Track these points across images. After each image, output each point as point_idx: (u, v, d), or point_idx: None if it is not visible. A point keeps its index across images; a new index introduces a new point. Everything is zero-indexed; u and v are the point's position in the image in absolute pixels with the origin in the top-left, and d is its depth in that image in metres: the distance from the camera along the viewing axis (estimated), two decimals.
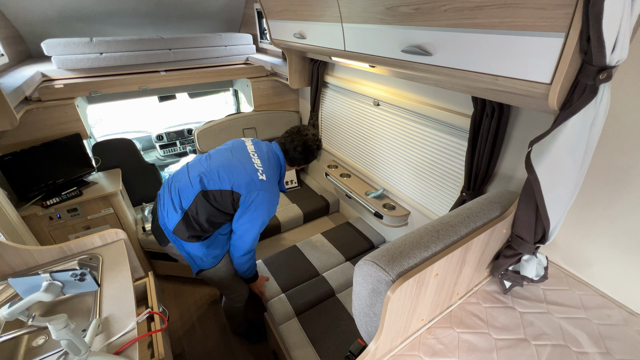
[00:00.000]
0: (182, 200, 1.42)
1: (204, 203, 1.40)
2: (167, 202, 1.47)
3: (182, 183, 1.45)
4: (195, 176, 1.42)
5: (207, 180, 1.41)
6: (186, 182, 1.44)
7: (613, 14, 0.62)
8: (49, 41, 1.97)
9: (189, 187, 1.42)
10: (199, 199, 1.40)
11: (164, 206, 1.48)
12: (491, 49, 0.84)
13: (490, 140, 1.25)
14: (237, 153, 1.49)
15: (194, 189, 1.40)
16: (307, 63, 2.33)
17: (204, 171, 1.44)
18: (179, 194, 1.44)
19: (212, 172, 1.42)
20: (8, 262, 1.28)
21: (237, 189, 1.38)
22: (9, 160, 1.78)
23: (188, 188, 1.42)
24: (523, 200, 1.01)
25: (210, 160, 1.49)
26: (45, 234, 1.96)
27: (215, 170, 1.42)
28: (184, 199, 1.42)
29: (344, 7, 1.27)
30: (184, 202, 1.42)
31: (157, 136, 3.42)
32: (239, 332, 2.04)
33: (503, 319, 1.09)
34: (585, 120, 0.78)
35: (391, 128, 1.88)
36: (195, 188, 1.40)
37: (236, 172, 1.40)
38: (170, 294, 2.37)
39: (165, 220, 1.47)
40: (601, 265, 1.15)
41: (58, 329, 0.89)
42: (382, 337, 0.88)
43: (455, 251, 0.92)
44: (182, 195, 1.43)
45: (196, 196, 1.40)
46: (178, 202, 1.43)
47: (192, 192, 1.41)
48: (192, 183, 1.41)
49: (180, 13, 2.66)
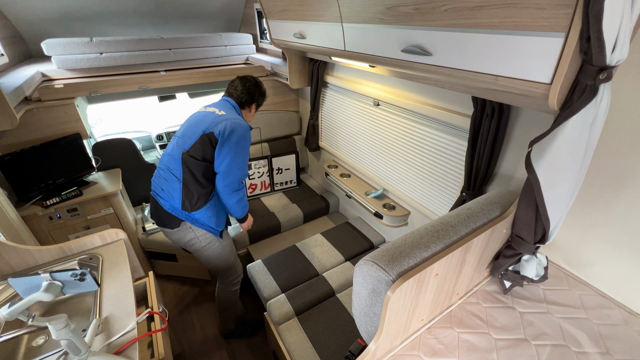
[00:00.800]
0: (175, 173, 1.48)
1: (191, 162, 1.45)
2: (164, 184, 1.53)
3: (166, 159, 1.54)
4: (175, 148, 1.51)
5: (182, 143, 1.49)
6: (168, 157, 1.53)
7: (613, 14, 0.62)
8: (49, 41, 1.97)
9: (172, 159, 1.50)
10: (185, 162, 1.45)
11: (164, 190, 1.53)
12: (491, 49, 0.84)
13: (490, 140, 1.25)
14: (194, 115, 1.59)
15: (176, 157, 1.48)
16: (307, 63, 2.33)
17: (180, 139, 1.52)
18: (170, 169, 1.50)
19: (184, 135, 1.51)
20: (8, 262, 1.28)
21: (207, 130, 1.44)
22: (9, 160, 1.78)
23: (172, 160, 1.50)
24: (523, 200, 1.01)
25: (178, 132, 1.57)
26: (45, 234, 1.96)
27: (185, 132, 1.52)
28: (175, 170, 1.48)
29: (344, 7, 1.27)
30: (176, 172, 1.48)
31: (157, 136, 3.42)
32: (232, 330, 2.01)
33: (503, 319, 1.09)
34: (585, 120, 0.78)
35: (391, 128, 1.88)
36: (177, 155, 1.48)
37: (200, 123, 1.49)
38: (170, 294, 2.37)
39: (172, 202, 1.51)
40: (601, 265, 1.15)
41: (58, 329, 0.89)
42: (382, 337, 0.88)
43: (455, 251, 0.92)
44: (172, 169, 1.49)
45: (182, 161, 1.46)
46: (172, 177, 1.49)
47: (177, 161, 1.47)
48: (173, 155, 1.50)
49: (180, 13, 2.66)
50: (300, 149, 2.91)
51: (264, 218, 2.40)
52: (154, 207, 1.60)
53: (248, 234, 2.26)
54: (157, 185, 1.58)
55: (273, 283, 1.86)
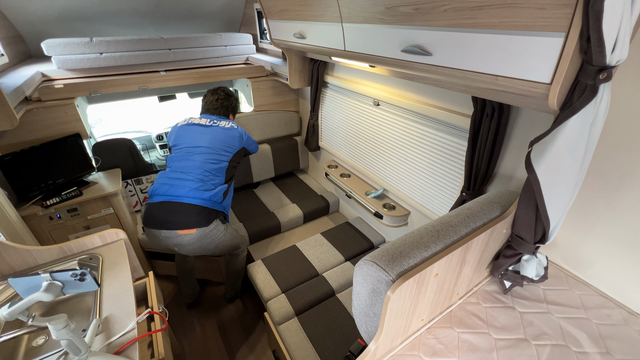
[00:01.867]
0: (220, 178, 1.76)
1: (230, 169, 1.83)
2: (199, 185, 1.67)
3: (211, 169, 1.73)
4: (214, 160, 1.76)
5: (224, 156, 1.80)
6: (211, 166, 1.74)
7: (613, 13, 0.62)
8: (49, 41, 1.97)
9: (216, 168, 1.75)
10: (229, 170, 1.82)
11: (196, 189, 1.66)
12: (491, 49, 0.84)
13: (490, 140, 1.25)
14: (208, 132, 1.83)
15: (222, 166, 1.77)
16: (307, 63, 2.33)
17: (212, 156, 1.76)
18: (215, 175, 1.74)
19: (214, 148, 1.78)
20: (8, 262, 1.28)
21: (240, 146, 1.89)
22: (9, 160, 1.78)
23: (216, 169, 1.75)
24: (523, 200, 1.01)
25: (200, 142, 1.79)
26: (45, 234, 1.96)
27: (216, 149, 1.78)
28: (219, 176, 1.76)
29: (344, 7, 1.27)
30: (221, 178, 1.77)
31: (157, 136, 3.42)
32: (236, 292, 2.25)
33: (503, 319, 1.09)
34: (585, 120, 0.78)
35: (391, 128, 1.88)
36: (222, 165, 1.78)
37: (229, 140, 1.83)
38: (170, 294, 2.37)
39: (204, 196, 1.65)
40: (601, 265, 1.15)
41: (58, 329, 0.89)
42: (382, 337, 0.88)
43: (455, 251, 0.92)
44: (217, 173, 1.75)
45: (227, 169, 1.80)
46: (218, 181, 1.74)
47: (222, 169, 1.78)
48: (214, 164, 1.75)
49: (180, 13, 2.66)
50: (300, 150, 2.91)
51: (264, 218, 2.40)
52: (178, 213, 1.63)
53: (248, 234, 2.26)
54: (189, 189, 1.66)
55: (273, 283, 1.86)
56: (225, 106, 1.98)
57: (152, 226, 1.64)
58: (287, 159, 2.89)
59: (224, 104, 1.97)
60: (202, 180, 1.69)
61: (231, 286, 2.20)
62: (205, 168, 1.72)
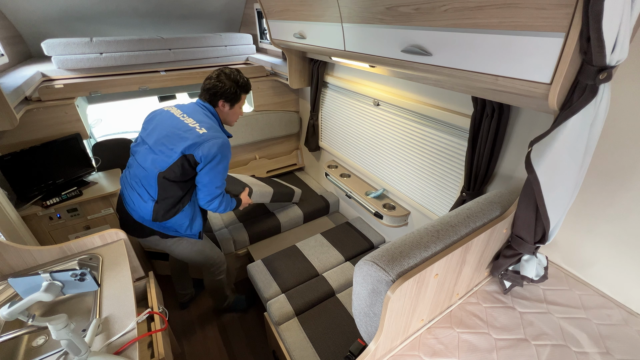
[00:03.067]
0: (149, 190, 1.42)
1: (168, 183, 1.40)
2: (134, 197, 1.47)
3: (139, 174, 1.45)
4: (147, 162, 1.42)
5: (157, 160, 1.39)
6: (142, 172, 1.43)
7: (613, 14, 0.62)
8: (49, 41, 1.97)
9: (146, 175, 1.41)
10: (161, 181, 1.39)
11: (134, 203, 1.48)
12: (491, 49, 0.84)
13: (490, 140, 1.25)
14: (167, 122, 1.46)
15: (151, 174, 1.40)
16: (307, 63, 2.33)
17: (152, 154, 1.42)
18: (143, 185, 1.43)
19: (158, 150, 1.41)
20: (8, 262, 1.28)
21: (187, 151, 1.36)
22: (9, 160, 1.78)
23: (147, 177, 1.42)
24: (523, 200, 1.00)
25: (149, 139, 1.47)
26: (45, 234, 1.96)
27: (159, 146, 1.41)
28: (150, 187, 1.42)
29: (344, 7, 1.27)
30: (151, 191, 1.42)
31: None
32: (225, 307, 2.13)
33: (503, 319, 1.09)
34: (585, 120, 0.78)
35: (391, 128, 1.88)
36: (152, 173, 1.39)
37: (177, 139, 1.38)
38: (170, 294, 2.37)
39: (141, 214, 1.47)
40: (601, 265, 1.15)
41: (58, 329, 0.89)
42: (382, 337, 0.88)
43: (455, 251, 0.92)
44: (146, 185, 1.43)
45: (157, 180, 1.39)
46: (146, 193, 1.43)
47: (153, 179, 1.40)
48: (147, 170, 1.41)
49: (180, 13, 2.66)
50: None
51: (264, 218, 2.40)
52: (123, 214, 1.56)
53: (248, 234, 2.26)
54: (127, 194, 1.51)
55: (273, 283, 1.86)
56: (212, 90, 1.47)
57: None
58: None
59: (210, 87, 1.47)
60: (132, 187, 1.48)
61: (214, 300, 2.13)
62: (137, 173, 1.45)
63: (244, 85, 1.52)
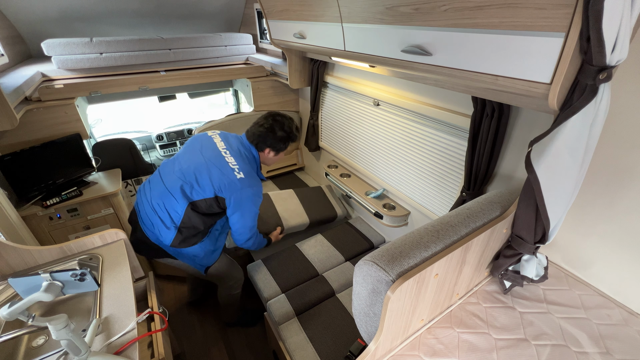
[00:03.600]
0: (173, 217, 1.42)
1: (194, 214, 1.43)
2: (155, 220, 1.44)
3: (164, 198, 1.42)
4: (176, 188, 1.40)
5: (189, 191, 1.40)
6: (168, 197, 1.41)
7: (613, 13, 0.62)
8: (49, 41, 1.97)
9: (174, 202, 1.41)
10: (188, 212, 1.41)
11: (154, 225, 1.46)
12: (491, 49, 0.84)
13: (490, 140, 1.25)
14: (207, 153, 1.44)
15: (180, 204, 1.40)
16: (307, 63, 2.33)
17: (182, 181, 1.40)
18: (167, 210, 1.42)
19: (191, 179, 1.39)
20: (8, 262, 1.28)
21: (220, 193, 1.39)
22: (9, 160, 1.78)
23: (174, 203, 1.41)
24: (523, 200, 1.00)
25: (183, 164, 1.44)
26: (45, 234, 1.96)
27: (192, 176, 1.40)
28: (174, 214, 1.42)
29: (343, 7, 1.27)
30: (174, 217, 1.42)
31: (157, 136, 3.42)
32: (233, 321, 2.09)
33: (503, 319, 1.09)
34: (585, 120, 0.78)
35: (391, 128, 1.88)
36: (182, 202, 1.40)
37: (214, 176, 1.38)
38: (170, 294, 2.37)
39: (159, 238, 1.46)
40: (601, 265, 1.15)
41: (58, 329, 0.89)
42: (382, 337, 0.88)
43: (455, 251, 0.92)
44: (170, 211, 1.42)
45: (185, 210, 1.41)
46: (169, 219, 1.42)
47: (180, 207, 1.41)
48: (175, 197, 1.40)
49: (180, 13, 2.66)
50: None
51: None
52: (138, 233, 1.51)
53: None
54: (146, 215, 1.47)
55: (273, 283, 1.86)
56: (263, 139, 1.48)
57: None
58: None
59: (263, 136, 1.48)
60: (153, 208, 1.44)
61: (224, 314, 2.08)
62: (162, 197, 1.43)
63: (295, 137, 1.56)
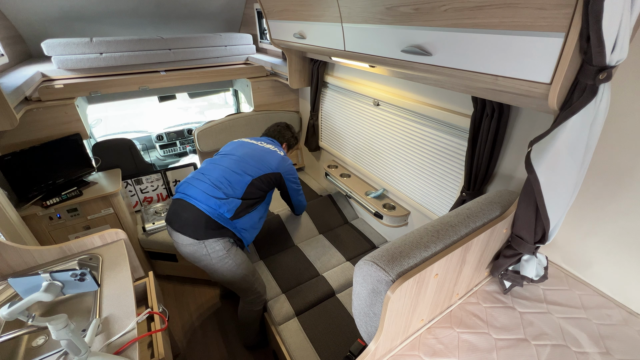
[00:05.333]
0: (236, 189, 1.61)
1: (254, 188, 1.65)
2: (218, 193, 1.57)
3: (229, 177, 1.63)
4: (239, 169, 1.66)
5: (249, 168, 1.67)
6: (234, 175, 1.64)
7: (613, 14, 0.62)
8: (49, 41, 1.97)
9: (238, 177, 1.63)
10: (249, 186, 1.63)
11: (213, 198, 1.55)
12: (491, 49, 0.84)
13: (490, 140, 1.25)
14: (251, 146, 1.80)
15: (245, 178, 1.63)
16: (307, 63, 2.33)
17: (244, 162, 1.68)
18: (231, 185, 1.61)
19: (248, 161, 1.69)
20: (8, 262, 1.28)
21: (277, 170, 1.73)
22: (9, 160, 1.78)
23: (239, 180, 1.63)
24: (523, 200, 1.00)
25: (235, 153, 1.73)
26: (45, 234, 1.96)
27: (249, 159, 1.70)
28: (239, 187, 1.62)
29: (343, 7, 1.27)
30: (238, 190, 1.61)
31: (157, 136, 3.43)
32: (253, 344, 1.96)
33: (503, 319, 1.09)
34: (585, 120, 0.78)
35: (391, 128, 1.88)
36: (246, 177, 1.64)
37: (266, 158, 1.73)
38: (170, 294, 2.37)
39: (220, 210, 1.55)
40: (601, 265, 1.15)
41: (58, 329, 0.89)
42: (382, 337, 0.88)
43: (455, 251, 0.92)
44: (235, 185, 1.62)
45: (248, 184, 1.63)
46: (232, 192, 1.59)
47: (245, 182, 1.63)
48: (239, 174, 1.65)
49: (180, 13, 2.66)
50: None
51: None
52: (184, 213, 1.54)
53: None
54: (203, 191, 1.56)
55: (273, 283, 1.86)
56: (282, 134, 2.02)
57: (167, 221, 1.61)
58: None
59: (281, 132, 2.03)
60: (216, 186, 1.58)
61: (242, 333, 1.99)
62: (225, 175, 1.62)
63: (297, 141, 2.14)
